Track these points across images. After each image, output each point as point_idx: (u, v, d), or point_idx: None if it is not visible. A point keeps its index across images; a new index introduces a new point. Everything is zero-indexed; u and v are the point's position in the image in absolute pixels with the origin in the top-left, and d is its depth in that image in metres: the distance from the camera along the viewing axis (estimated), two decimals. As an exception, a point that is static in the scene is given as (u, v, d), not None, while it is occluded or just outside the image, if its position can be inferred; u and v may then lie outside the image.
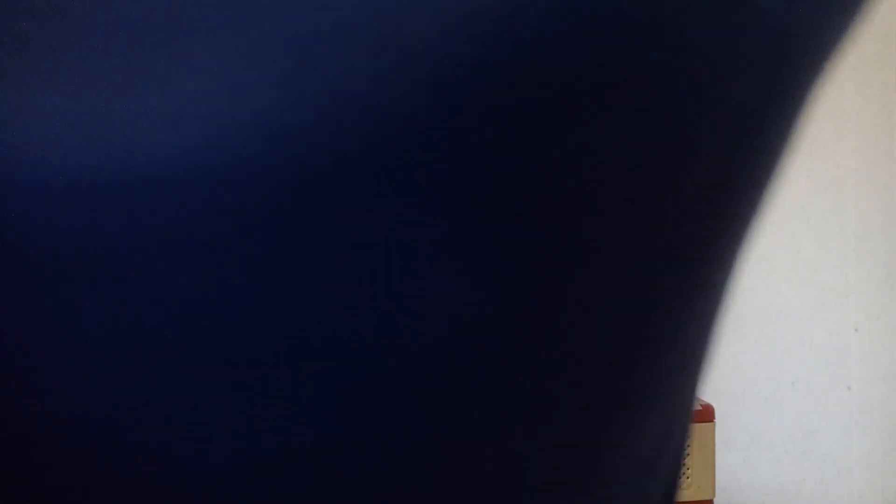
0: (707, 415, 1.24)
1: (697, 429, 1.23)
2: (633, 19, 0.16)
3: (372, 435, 0.18)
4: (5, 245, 0.17)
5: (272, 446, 0.18)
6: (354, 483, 0.19)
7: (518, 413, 0.19)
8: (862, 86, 1.62)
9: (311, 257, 0.17)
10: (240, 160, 0.16)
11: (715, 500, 1.24)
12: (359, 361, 0.18)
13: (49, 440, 0.19)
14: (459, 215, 0.17)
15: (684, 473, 1.22)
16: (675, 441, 0.24)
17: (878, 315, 1.60)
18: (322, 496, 0.19)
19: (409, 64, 0.15)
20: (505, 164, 0.16)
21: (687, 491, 1.22)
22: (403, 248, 0.17)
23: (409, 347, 0.18)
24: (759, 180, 0.20)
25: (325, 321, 0.17)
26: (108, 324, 0.17)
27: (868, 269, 1.61)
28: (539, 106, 0.16)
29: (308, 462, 0.19)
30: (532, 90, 0.16)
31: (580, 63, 0.16)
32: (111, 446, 0.19)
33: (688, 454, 1.22)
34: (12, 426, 0.19)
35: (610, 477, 0.21)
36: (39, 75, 0.16)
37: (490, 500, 0.20)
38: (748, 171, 0.20)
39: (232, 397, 0.18)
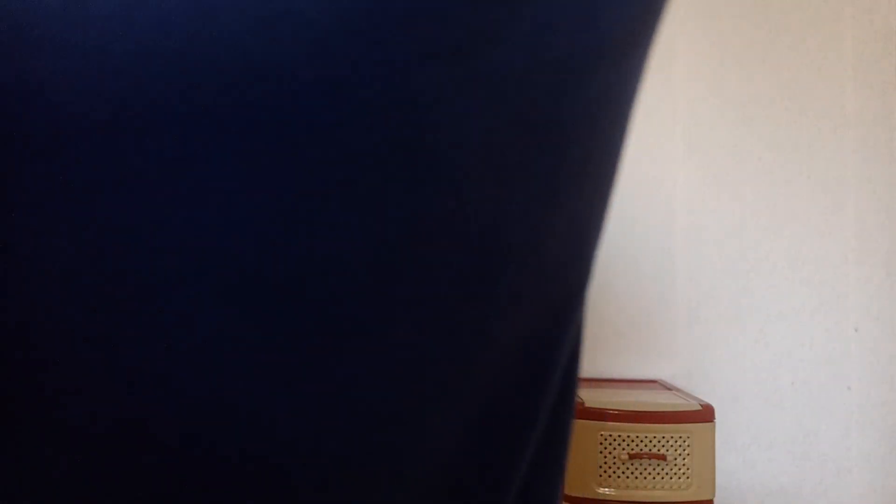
0: (707, 415, 1.24)
1: (697, 429, 1.23)
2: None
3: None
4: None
5: None
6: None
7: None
8: (862, 86, 1.62)
9: None
10: None
11: (715, 500, 1.24)
12: None
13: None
14: None
15: (685, 473, 1.22)
16: None
17: (878, 315, 1.60)
18: None
19: None
20: None
21: (687, 491, 1.22)
22: None
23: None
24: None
25: None
26: None
27: (868, 269, 1.61)
28: None
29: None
30: None
31: None
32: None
33: (688, 454, 1.22)
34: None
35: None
36: None
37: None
38: None
39: None
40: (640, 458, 1.22)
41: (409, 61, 0.19)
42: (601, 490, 1.22)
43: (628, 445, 1.22)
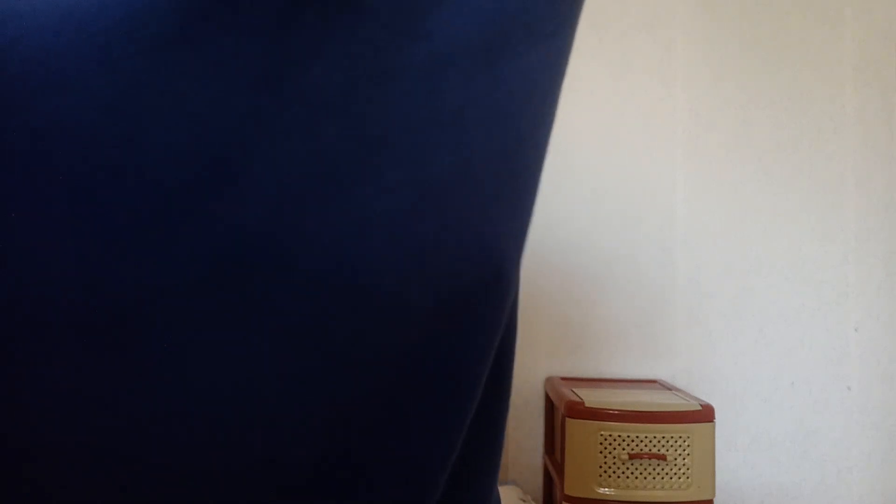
0: (707, 415, 1.24)
1: (697, 429, 1.23)
2: None
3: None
4: None
5: None
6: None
7: None
8: (862, 86, 1.62)
9: None
10: None
11: (715, 500, 1.24)
12: None
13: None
14: None
15: (685, 473, 1.22)
16: None
17: (878, 315, 1.60)
18: None
19: None
20: None
21: (687, 491, 1.22)
22: None
23: None
24: None
25: None
26: None
27: (868, 269, 1.61)
28: None
29: None
30: None
31: None
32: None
33: (688, 454, 1.22)
34: None
35: None
36: None
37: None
38: None
39: None
40: (640, 458, 1.22)
41: (220, 91, 0.20)
42: (601, 490, 1.22)
43: (628, 445, 1.22)
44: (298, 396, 0.22)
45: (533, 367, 1.55)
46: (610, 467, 1.22)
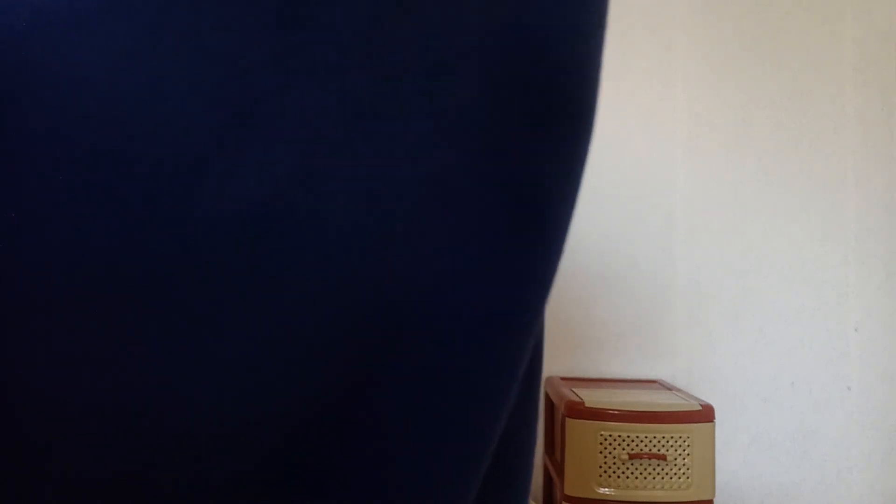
0: (707, 415, 1.24)
1: (697, 429, 1.23)
2: None
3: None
4: None
5: None
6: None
7: None
8: (862, 86, 1.62)
9: None
10: None
11: (715, 500, 1.24)
12: None
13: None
14: None
15: (685, 473, 1.22)
16: None
17: (878, 315, 1.60)
18: None
19: None
20: None
21: (687, 491, 1.22)
22: None
23: None
24: None
25: None
26: None
27: (868, 269, 1.61)
28: None
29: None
30: None
31: None
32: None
33: (688, 454, 1.22)
34: None
35: None
36: None
37: None
38: None
39: None
40: (640, 458, 1.22)
41: (244, 32, 0.19)
42: (601, 490, 1.22)
43: (628, 445, 1.22)
44: (305, 383, 0.21)
45: (533, 367, 1.55)
46: (610, 467, 1.22)
